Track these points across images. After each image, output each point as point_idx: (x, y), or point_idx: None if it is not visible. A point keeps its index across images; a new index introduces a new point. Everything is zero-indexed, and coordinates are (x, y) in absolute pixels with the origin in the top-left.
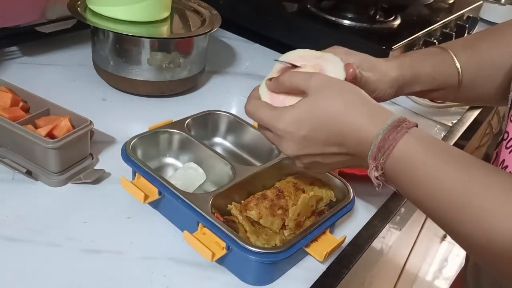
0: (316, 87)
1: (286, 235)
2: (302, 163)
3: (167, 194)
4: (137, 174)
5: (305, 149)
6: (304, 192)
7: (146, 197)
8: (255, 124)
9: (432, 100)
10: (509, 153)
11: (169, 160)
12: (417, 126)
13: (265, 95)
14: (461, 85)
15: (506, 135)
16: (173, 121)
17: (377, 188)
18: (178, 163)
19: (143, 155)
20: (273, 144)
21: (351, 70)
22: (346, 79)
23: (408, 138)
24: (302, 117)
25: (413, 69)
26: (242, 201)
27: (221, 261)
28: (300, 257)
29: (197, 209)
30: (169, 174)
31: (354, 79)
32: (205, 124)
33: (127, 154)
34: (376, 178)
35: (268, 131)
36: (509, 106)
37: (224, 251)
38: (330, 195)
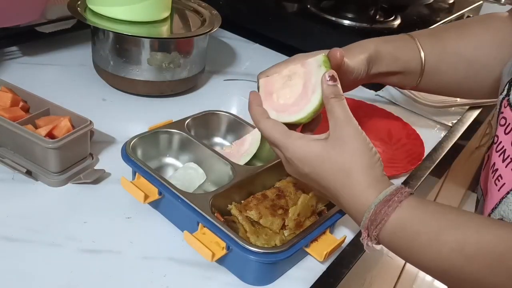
0: (336, 133)
1: (286, 235)
2: (302, 179)
3: (167, 194)
4: (137, 174)
5: (305, 180)
6: (304, 192)
7: (146, 197)
8: None
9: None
10: (499, 156)
11: (169, 160)
12: (412, 194)
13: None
14: (424, 70)
15: (496, 138)
16: (173, 121)
17: (368, 252)
18: (178, 163)
19: (143, 155)
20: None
21: (338, 54)
22: (331, 67)
23: (400, 211)
24: (310, 159)
25: (376, 48)
26: (242, 201)
27: (221, 261)
28: (300, 257)
29: (197, 209)
30: (169, 174)
31: (341, 62)
32: (205, 124)
33: (127, 154)
34: (367, 246)
35: (276, 148)
36: (497, 110)
37: (224, 251)
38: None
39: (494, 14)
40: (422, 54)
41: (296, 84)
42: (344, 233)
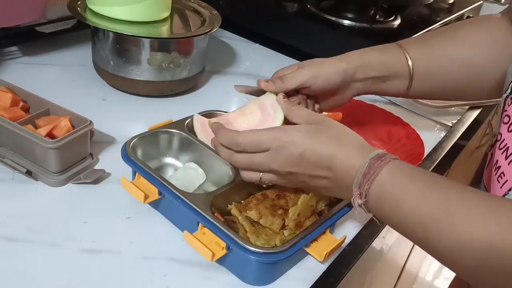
0: (311, 120)
1: (286, 235)
2: (289, 181)
3: (167, 194)
4: (137, 174)
5: (297, 166)
6: (304, 192)
7: (146, 197)
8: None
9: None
10: (502, 153)
11: (169, 160)
12: (398, 159)
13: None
14: (413, 74)
15: (499, 136)
16: (173, 121)
17: (357, 217)
18: (178, 163)
19: (143, 155)
20: (259, 169)
21: (262, 84)
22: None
23: (391, 166)
24: (303, 137)
25: (362, 57)
26: (242, 201)
27: (221, 261)
28: (300, 257)
29: (197, 209)
30: (169, 174)
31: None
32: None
33: (127, 154)
34: (359, 206)
35: (258, 154)
36: (501, 108)
37: (224, 251)
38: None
39: (486, 15)
40: (408, 57)
41: (252, 112)
42: (344, 233)
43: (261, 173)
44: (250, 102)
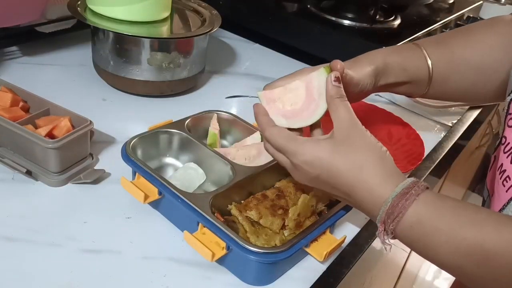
0: (343, 133)
1: (286, 235)
2: (309, 184)
3: (167, 194)
4: (137, 174)
5: (315, 184)
6: (304, 192)
7: (146, 197)
8: (255, 124)
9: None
10: (507, 157)
11: (169, 160)
12: (428, 188)
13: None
14: (432, 79)
15: (504, 139)
16: (173, 121)
17: (386, 250)
18: (178, 163)
19: (143, 155)
20: (282, 165)
21: (339, 65)
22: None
23: (418, 205)
24: (320, 159)
25: (384, 60)
26: (242, 201)
27: (221, 261)
28: (300, 257)
29: (197, 209)
30: (169, 174)
31: (342, 73)
32: (205, 124)
33: (127, 154)
34: (384, 241)
35: (281, 154)
36: (506, 111)
37: (224, 251)
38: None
39: (499, 17)
40: (430, 63)
41: (297, 88)
42: (344, 233)
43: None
44: (297, 75)
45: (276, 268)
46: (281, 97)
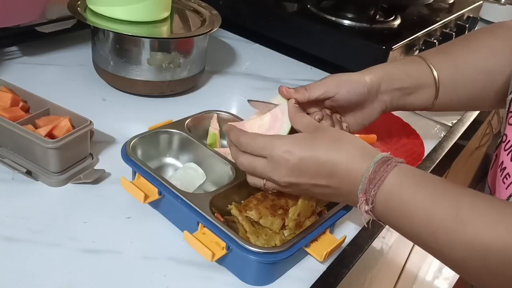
0: (312, 128)
1: (286, 235)
2: (292, 190)
3: (167, 194)
4: (137, 174)
5: (296, 176)
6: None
7: (146, 197)
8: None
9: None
10: (507, 154)
11: (169, 160)
12: (404, 163)
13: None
14: (439, 86)
15: (504, 137)
16: (173, 121)
17: (365, 224)
18: (178, 163)
19: (143, 155)
20: (261, 176)
21: (284, 90)
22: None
23: (398, 171)
24: (299, 143)
25: (385, 68)
26: (242, 201)
27: (221, 261)
28: (300, 257)
29: (197, 209)
30: (169, 174)
31: (291, 96)
32: (205, 124)
33: (127, 154)
34: (366, 212)
35: (259, 158)
36: (507, 109)
37: (224, 251)
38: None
39: (500, 23)
40: (433, 67)
41: (263, 117)
42: (344, 233)
43: (264, 180)
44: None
45: (276, 268)
46: (250, 122)
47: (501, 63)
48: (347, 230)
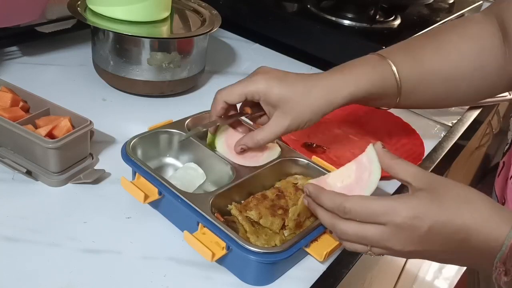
0: (425, 181)
1: (286, 235)
2: (408, 256)
3: (167, 194)
4: (137, 174)
5: (424, 244)
6: (303, 192)
7: (146, 197)
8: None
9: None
10: None
11: (169, 160)
12: None
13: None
14: (401, 94)
15: None
16: (173, 121)
17: None
18: (178, 163)
19: (143, 155)
20: (372, 244)
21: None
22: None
23: None
24: (427, 209)
25: (342, 70)
26: (242, 201)
27: (221, 261)
28: (300, 257)
29: (197, 209)
30: (169, 174)
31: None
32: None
33: (127, 154)
34: (505, 284)
35: (370, 225)
36: None
37: (224, 251)
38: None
39: (469, 18)
40: (398, 79)
41: (348, 169)
42: None
43: (370, 246)
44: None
45: (276, 268)
46: (332, 177)
47: (466, 69)
48: None
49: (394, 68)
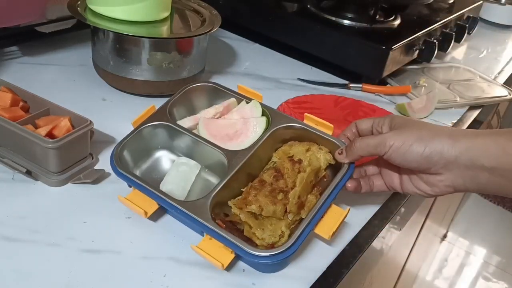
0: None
1: (290, 218)
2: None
3: (166, 207)
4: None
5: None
6: (301, 163)
7: (145, 213)
8: (241, 88)
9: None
10: None
11: (162, 152)
12: None
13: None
14: None
15: None
16: (156, 108)
17: None
18: (171, 154)
19: (134, 158)
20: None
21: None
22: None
23: None
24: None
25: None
26: (242, 190)
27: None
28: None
29: (200, 220)
30: (166, 166)
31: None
32: (188, 102)
33: (118, 169)
34: None
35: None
36: None
37: (233, 255)
38: (329, 159)
39: None
40: None
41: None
42: (344, 234)
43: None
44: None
45: (286, 260)
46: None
47: None
48: (347, 230)
49: None
